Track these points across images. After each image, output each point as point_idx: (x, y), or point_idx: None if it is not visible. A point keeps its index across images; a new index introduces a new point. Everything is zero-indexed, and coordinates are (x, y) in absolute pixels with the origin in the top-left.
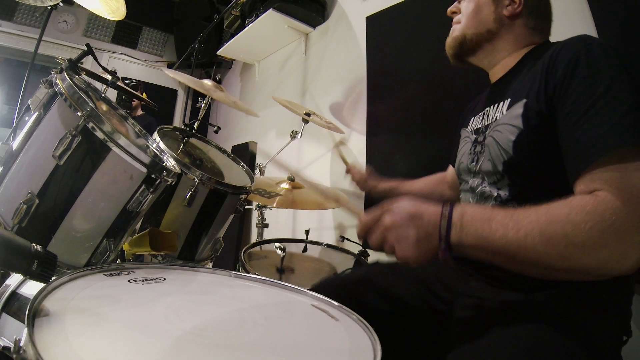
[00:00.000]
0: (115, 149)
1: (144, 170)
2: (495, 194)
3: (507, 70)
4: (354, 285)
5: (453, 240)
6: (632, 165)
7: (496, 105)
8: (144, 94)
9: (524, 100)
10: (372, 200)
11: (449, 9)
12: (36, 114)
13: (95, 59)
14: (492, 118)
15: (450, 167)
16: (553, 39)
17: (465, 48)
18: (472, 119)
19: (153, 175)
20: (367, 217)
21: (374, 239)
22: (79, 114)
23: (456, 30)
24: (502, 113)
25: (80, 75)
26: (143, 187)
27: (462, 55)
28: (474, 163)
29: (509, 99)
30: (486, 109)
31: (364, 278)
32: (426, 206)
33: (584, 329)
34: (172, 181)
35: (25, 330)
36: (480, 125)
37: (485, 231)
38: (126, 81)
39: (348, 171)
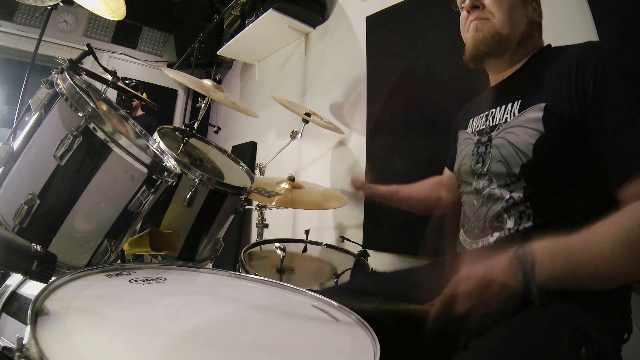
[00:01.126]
0: (116, 149)
1: (145, 170)
2: (508, 196)
3: (512, 72)
4: (352, 295)
5: (540, 280)
6: None
7: (503, 106)
8: (144, 94)
9: (543, 104)
10: (372, 201)
11: (468, 3)
12: (37, 114)
13: (96, 59)
14: (500, 119)
15: (447, 170)
16: (553, 39)
17: (501, 47)
18: (472, 120)
19: (154, 176)
20: (438, 311)
21: (459, 314)
22: (80, 114)
23: (487, 27)
24: (514, 115)
25: (81, 75)
26: (144, 187)
27: (493, 55)
28: (479, 164)
29: (520, 101)
30: (491, 110)
31: (361, 289)
32: (495, 259)
33: (587, 325)
34: (173, 181)
35: (28, 328)
36: (484, 127)
37: (570, 261)
38: (126, 81)
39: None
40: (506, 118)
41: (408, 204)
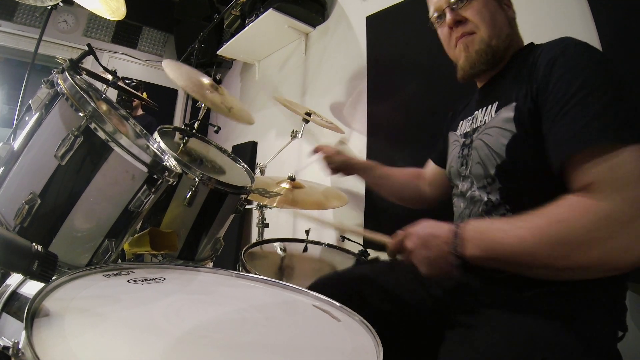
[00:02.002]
0: (117, 149)
1: (146, 170)
2: (486, 199)
3: (494, 73)
4: (354, 283)
5: (463, 254)
6: (611, 159)
7: (485, 108)
8: (144, 94)
9: (514, 104)
10: (372, 200)
11: (449, 19)
12: (37, 114)
13: (97, 59)
14: (481, 121)
15: (430, 164)
16: (553, 39)
17: (496, 59)
18: (462, 122)
19: (155, 176)
20: (392, 243)
21: (402, 259)
22: (81, 114)
23: (476, 43)
24: (491, 116)
25: (81, 75)
26: (145, 187)
27: (490, 69)
28: (463, 167)
29: (497, 102)
30: (475, 113)
31: (364, 275)
32: (441, 227)
33: (577, 324)
34: (174, 181)
35: (24, 333)
36: (469, 129)
37: (490, 241)
38: (127, 81)
39: (316, 150)
40: (485, 120)
41: (383, 183)
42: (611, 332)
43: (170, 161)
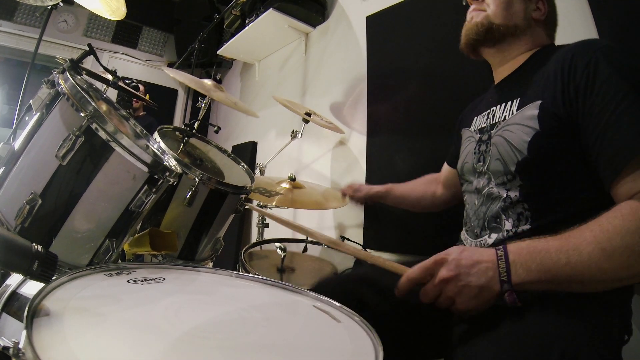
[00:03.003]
0: (118, 149)
1: (147, 170)
2: (505, 195)
3: (513, 69)
4: (354, 284)
5: (515, 281)
6: None
7: (503, 104)
8: (147, 95)
9: (539, 102)
10: (372, 206)
11: None
12: (38, 114)
13: (97, 59)
14: (499, 117)
15: (445, 167)
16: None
17: (491, 36)
18: (475, 118)
19: (156, 176)
20: (417, 272)
21: (428, 293)
22: (82, 114)
23: (480, 16)
24: (512, 113)
25: (82, 75)
26: (146, 187)
27: (483, 43)
28: (480, 163)
29: (518, 99)
30: (491, 109)
31: (365, 276)
32: (479, 252)
33: (587, 326)
34: (174, 181)
35: (24, 332)
36: (485, 125)
37: (547, 263)
38: (126, 81)
39: (344, 194)
40: (505, 116)
41: (403, 201)
42: (619, 334)
43: (171, 161)
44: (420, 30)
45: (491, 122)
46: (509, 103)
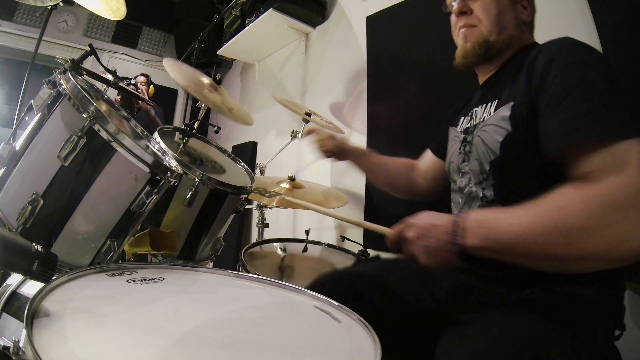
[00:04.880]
0: (120, 149)
1: (148, 170)
2: (481, 194)
3: (495, 70)
4: (354, 281)
5: (462, 244)
6: (610, 150)
7: (484, 105)
8: (151, 86)
9: (512, 103)
10: (372, 201)
11: (456, 7)
12: (39, 114)
13: (98, 59)
14: (480, 118)
15: (428, 155)
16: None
17: (489, 54)
18: (462, 118)
19: (157, 176)
20: (392, 233)
21: (403, 252)
22: (84, 115)
23: (475, 36)
24: (490, 113)
25: (83, 75)
26: (147, 187)
27: (482, 62)
28: (465, 162)
29: (497, 100)
30: (474, 109)
31: (364, 274)
32: (440, 217)
33: (574, 323)
34: (176, 182)
35: (24, 332)
36: (468, 125)
37: (492, 231)
38: (125, 81)
39: (309, 132)
40: (484, 117)
41: (375, 171)
42: (607, 330)
43: (171, 161)
44: (420, 30)
45: (474, 123)
46: (489, 104)
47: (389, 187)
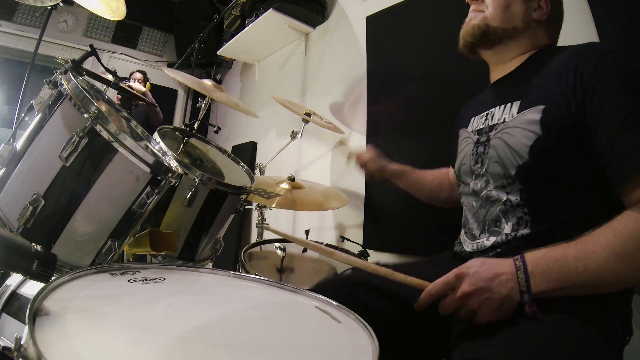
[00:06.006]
0: (121, 150)
1: (149, 171)
2: (505, 199)
3: (510, 70)
4: (354, 287)
5: (535, 290)
6: None
7: (503, 106)
8: (147, 83)
9: (542, 106)
10: (372, 201)
11: None
12: (40, 114)
13: (99, 60)
14: (499, 119)
15: (451, 169)
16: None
17: (487, 39)
18: (473, 119)
19: (158, 177)
20: (438, 287)
21: (449, 306)
22: (85, 115)
23: (478, 19)
24: (512, 115)
25: (83, 75)
26: (148, 188)
27: (480, 45)
28: (478, 165)
29: (519, 102)
30: (490, 110)
31: (364, 280)
32: (499, 264)
33: (592, 327)
34: (176, 182)
35: (26, 328)
36: (483, 126)
37: (565, 272)
38: (125, 81)
39: (350, 157)
40: (505, 118)
41: (417, 187)
42: (621, 335)
43: (172, 162)
44: (420, 30)
45: (490, 124)
46: (509, 105)
47: (432, 201)
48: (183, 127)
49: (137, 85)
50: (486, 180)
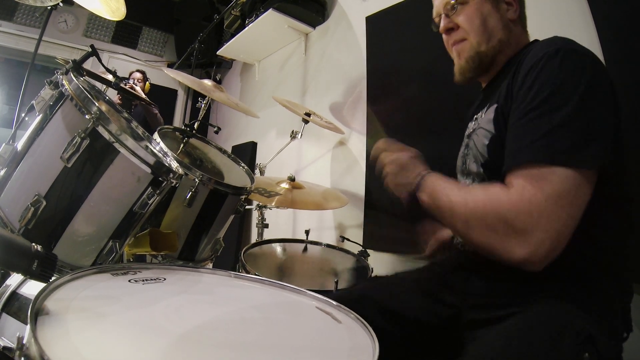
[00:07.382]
0: (123, 151)
1: (150, 172)
2: None
3: (494, 74)
4: (353, 303)
5: (417, 194)
6: (541, 173)
7: (484, 109)
8: (147, 82)
9: (496, 105)
10: (372, 201)
11: (442, 26)
12: (41, 115)
13: (100, 60)
14: (479, 122)
15: None
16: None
17: (483, 65)
18: (470, 124)
19: (160, 178)
20: (379, 152)
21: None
22: (87, 116)
23: (466, 50)
24: (483, 116)
25: (84, 76)
26: (150, 188)
27: (479, 73)
28: (464, 165)
29: (489, 104)
30: (478, 113)
31: (363, 295)
32: (416, 166)
33: (596, 316)
34: (177, 182)
35: (28, 327)
36: (471, 130)
37: (437, 193)
38: (125, 81)
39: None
40: (480, 120)
41: None
42: (618, 334)
43: (173, 163)
44: (420, 30)
45: (474, 127)
46: (486, 108)
47: None
48: (183, 127)
49: (139, 90)
50: (472, 178)
